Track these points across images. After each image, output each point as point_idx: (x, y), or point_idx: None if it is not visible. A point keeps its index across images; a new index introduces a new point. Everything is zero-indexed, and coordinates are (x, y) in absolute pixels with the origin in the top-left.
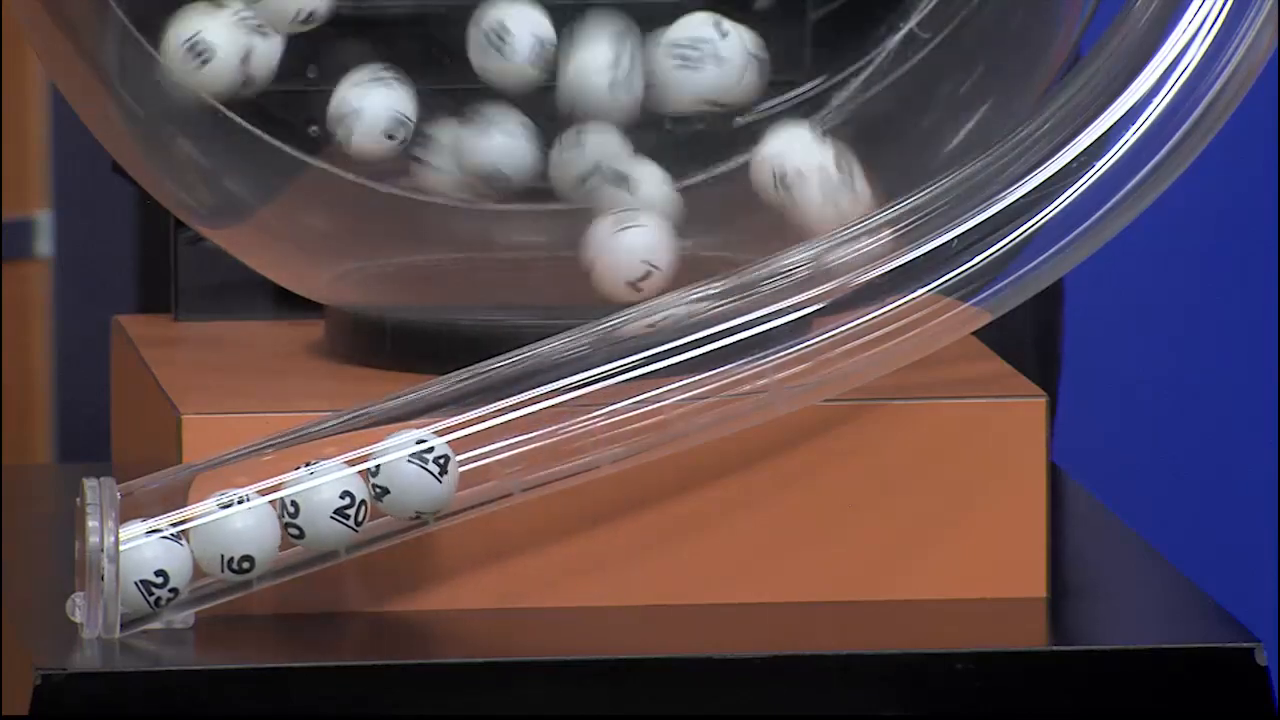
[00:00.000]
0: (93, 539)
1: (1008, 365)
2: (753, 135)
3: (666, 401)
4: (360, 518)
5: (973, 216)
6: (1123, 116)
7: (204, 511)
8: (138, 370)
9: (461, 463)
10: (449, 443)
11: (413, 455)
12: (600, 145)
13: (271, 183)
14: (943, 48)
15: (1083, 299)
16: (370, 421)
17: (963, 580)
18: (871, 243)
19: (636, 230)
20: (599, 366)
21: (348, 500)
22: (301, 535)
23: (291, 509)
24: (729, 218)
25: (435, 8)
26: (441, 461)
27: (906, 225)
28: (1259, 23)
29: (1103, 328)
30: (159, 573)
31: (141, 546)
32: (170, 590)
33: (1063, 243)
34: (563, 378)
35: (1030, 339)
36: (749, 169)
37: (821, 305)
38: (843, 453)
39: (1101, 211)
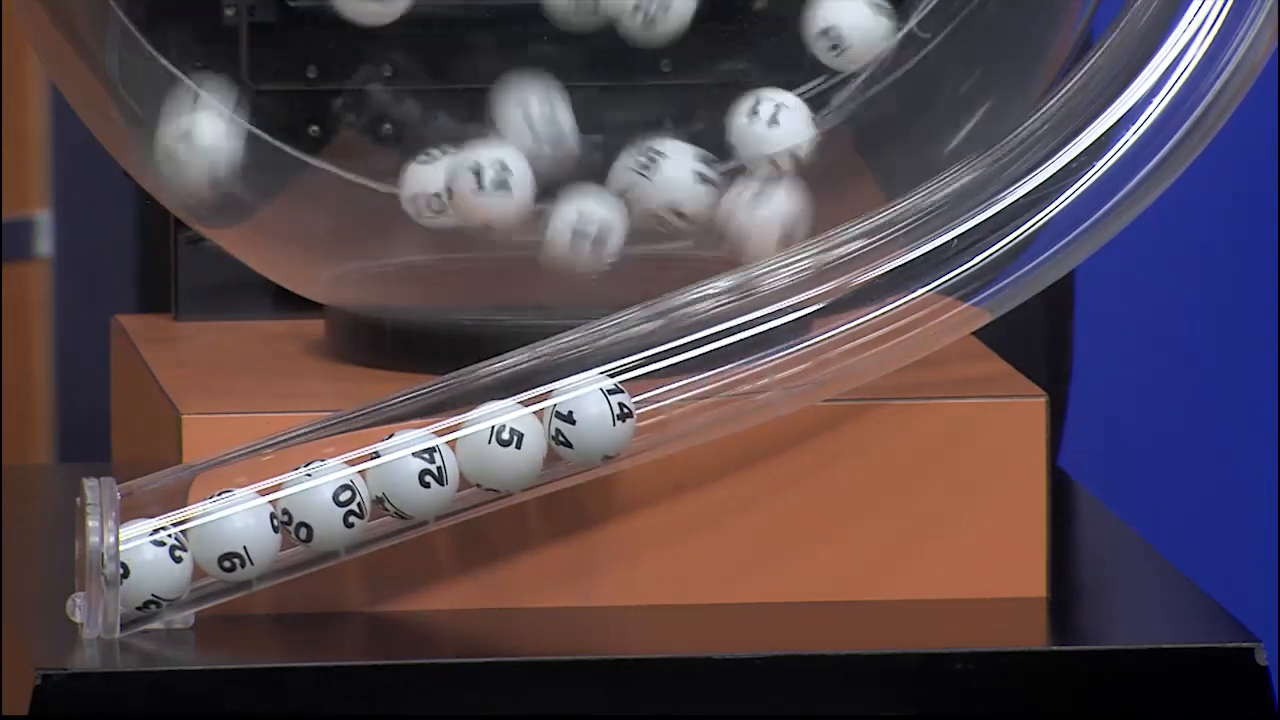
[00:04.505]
0: (93, 539)
1: (1007, 365)
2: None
3: (666, 401)
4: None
5: (973, 216)
6: (1123, 116)
7: (200, 513)
8: (138, 370)
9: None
10: (450, 444)
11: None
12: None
13: (271, 183)
14: (943, 48)
15: (1089, 302)
16: (370, 421)
17: (963, 580)
18: (871, 243)
19: None
20: (599, 366)
21: (349, 494)
22: (307, 536)
23: (284, 516)
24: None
25: (436, 8)
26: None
27: (906, 225)
28: (1259, 23)
29: (1104, 330)
30: None
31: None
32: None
33: (1063, 243)
34: (563, 378)
35: (1043, 344)
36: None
37: (821, 305)
38: (843, 453)
39: (1102, 211)
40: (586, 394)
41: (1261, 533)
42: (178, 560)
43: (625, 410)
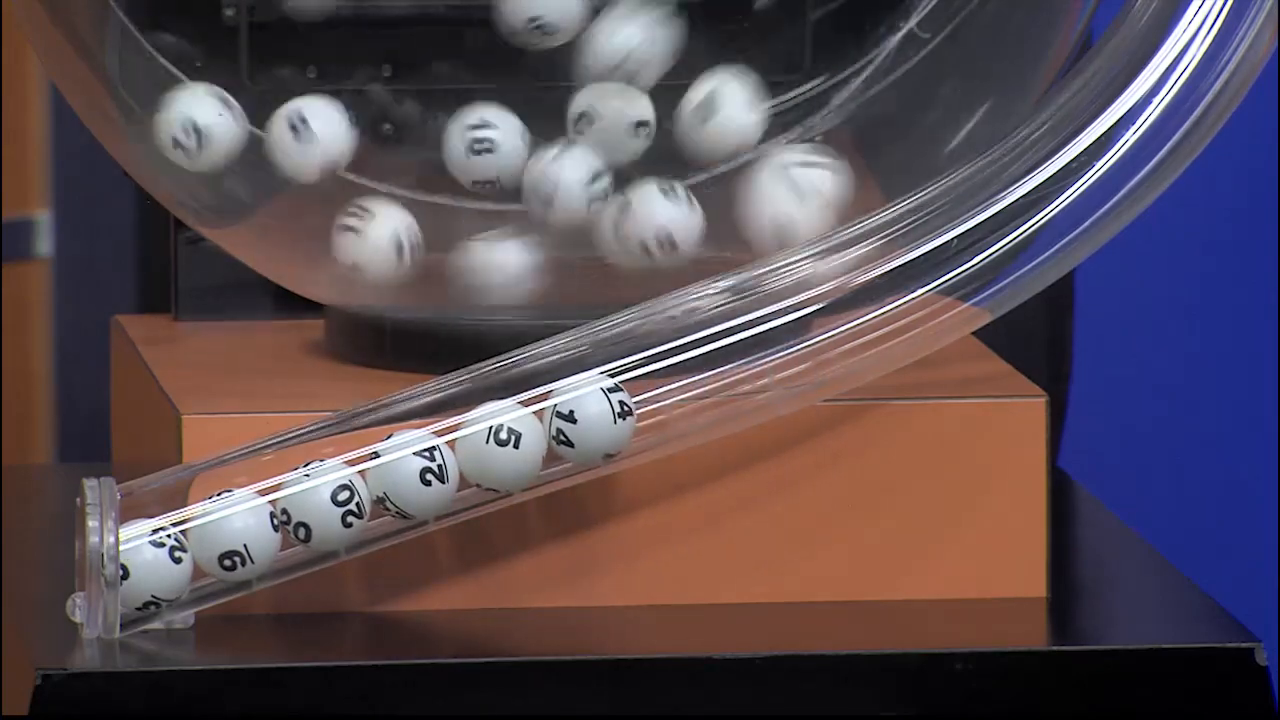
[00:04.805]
0: (93, 539)
1: (1007, 365)
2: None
3: (666, 401)
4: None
5: (973, 216)
6: (1123, 116)
7: (200, 512)
8: (138, 370)
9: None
10: (449, 443)
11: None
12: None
13: (271, 183)
14: (943, 48)
15: (1089, 303)
16: (370, 421)
17: (963, 580)
18: (870, 243)
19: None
20: (599, 366)
21: (348, 494)
22: (305, 536)
23: (283, 516)
24: (729, 218)
25: (435, 7)
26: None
27: (906, 225)
28: (1259, 23)
29: (1104, 330)
30: None
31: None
32: None
33: (1063, 243)
34: (563, 378)
35: (1042, 344)
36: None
37: (821, 305)
38: (843, 453)
39: (1101, 211)
40: (587, 393)
41: (1261, 533)
42: (177, 561)
43: (626, 408)
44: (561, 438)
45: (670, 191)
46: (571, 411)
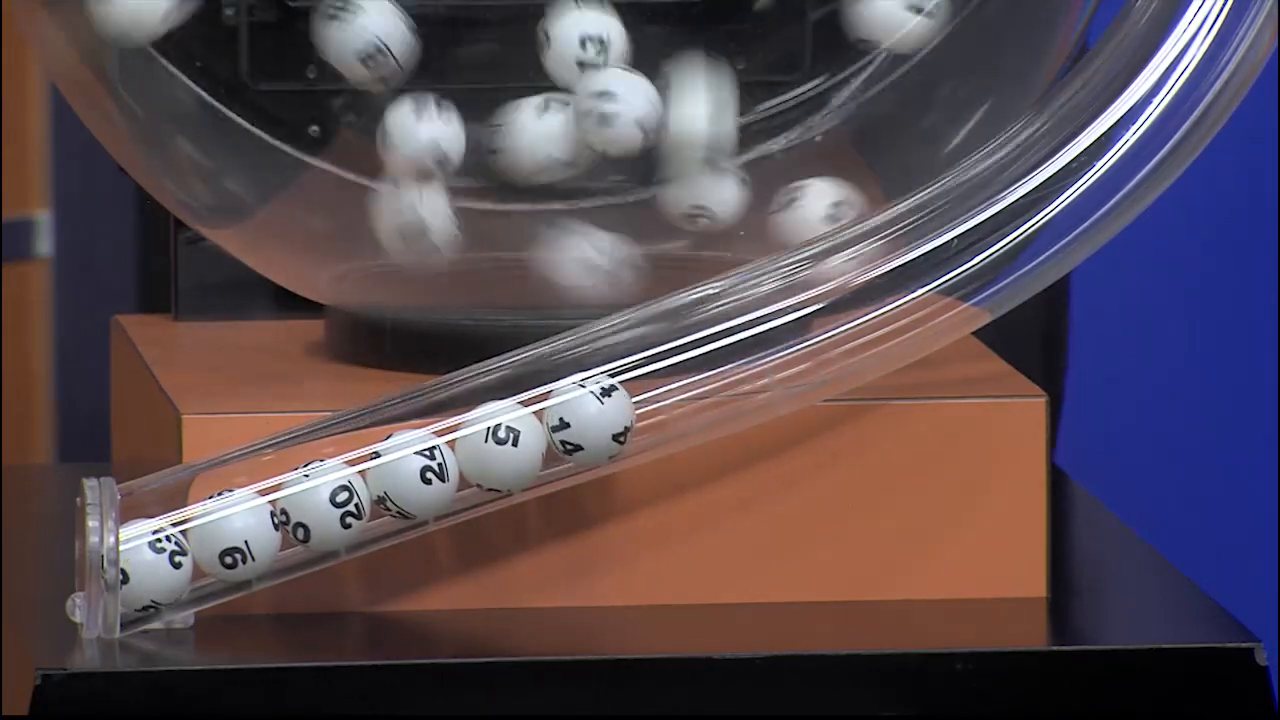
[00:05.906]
0: (93, 539)
1: (1007, 365)
2: (753, 138)
3: (666, 401)
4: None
5: (973, 216)
6: (1123, 116)
7: (200, 511)
8: (138, 370)
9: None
10: (449, 443)
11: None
12: None
13: (271, 183)
14: (943, 48)
15: (1086, 301)
16: (370, 421)
17: (963, 580)
18: (870, 243)
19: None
20: (599, 366)
21: (347, 494)
22: (304, 536)
23: (282, 516)
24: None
25: (436, 8)
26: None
27: (906, 225)
28: (1259, 23)
29: (1104, 328)
30: None
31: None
32: None
33: (1063, 243)
34: (563, 378)
35: (1037, 342)
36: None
37: (821, 305)
38: (843, 453)
39: (1102, 211)
40: (566, 396)
41: (1261, 533)
42: (177, 566)
43: (606, 387)
44: (568, 446)
45: None
46: (561, 418)
